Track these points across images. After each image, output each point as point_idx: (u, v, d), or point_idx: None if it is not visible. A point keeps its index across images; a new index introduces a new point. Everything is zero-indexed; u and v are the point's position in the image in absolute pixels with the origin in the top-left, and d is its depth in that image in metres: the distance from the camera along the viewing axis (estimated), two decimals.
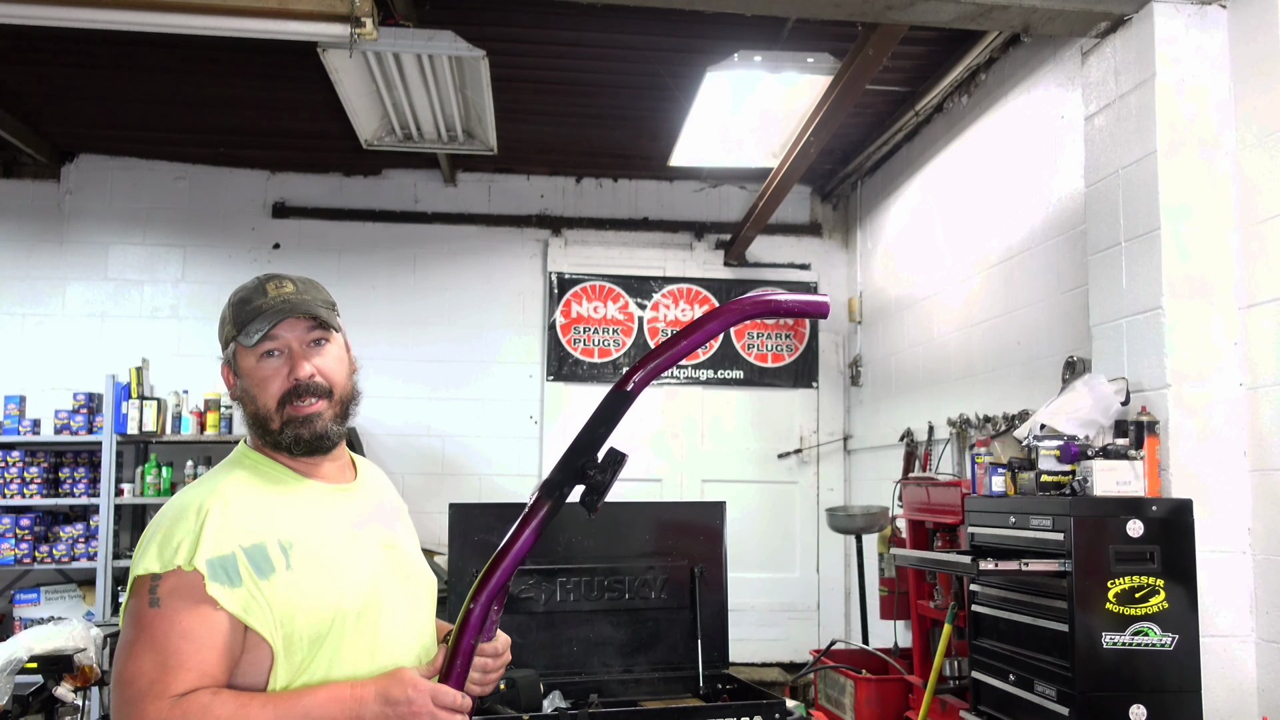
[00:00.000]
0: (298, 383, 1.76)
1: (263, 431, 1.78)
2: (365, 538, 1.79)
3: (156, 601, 1.59)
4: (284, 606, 1.64)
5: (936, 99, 5.39)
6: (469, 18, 4.56)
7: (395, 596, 1.78)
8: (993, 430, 4.61)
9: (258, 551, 1.64)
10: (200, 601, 1.58)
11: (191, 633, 1.58)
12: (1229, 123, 3.38)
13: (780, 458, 6.98)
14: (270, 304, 1.78)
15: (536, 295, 6.92)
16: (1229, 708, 3.16)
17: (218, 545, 1.62)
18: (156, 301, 6.64)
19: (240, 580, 1.61)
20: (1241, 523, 3.24)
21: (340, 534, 1.76)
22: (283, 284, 1.82)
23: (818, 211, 7.20)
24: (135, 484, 6.09)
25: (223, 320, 1.85)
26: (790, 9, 3.91)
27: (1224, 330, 3.30)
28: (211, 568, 1.60)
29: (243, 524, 1.66)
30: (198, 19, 3.52)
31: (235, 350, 1.80)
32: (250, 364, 1.78)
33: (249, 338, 1.76)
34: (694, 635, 3.48)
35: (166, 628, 1.58)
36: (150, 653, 1.57)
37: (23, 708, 3.77)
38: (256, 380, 1.77)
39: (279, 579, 1.64)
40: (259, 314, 1.77)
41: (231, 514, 1.66)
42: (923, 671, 4.41)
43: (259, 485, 1.75)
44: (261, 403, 1.77)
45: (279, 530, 1.68)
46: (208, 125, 6.20)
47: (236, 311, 1.81)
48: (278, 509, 1.72)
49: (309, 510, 1.75)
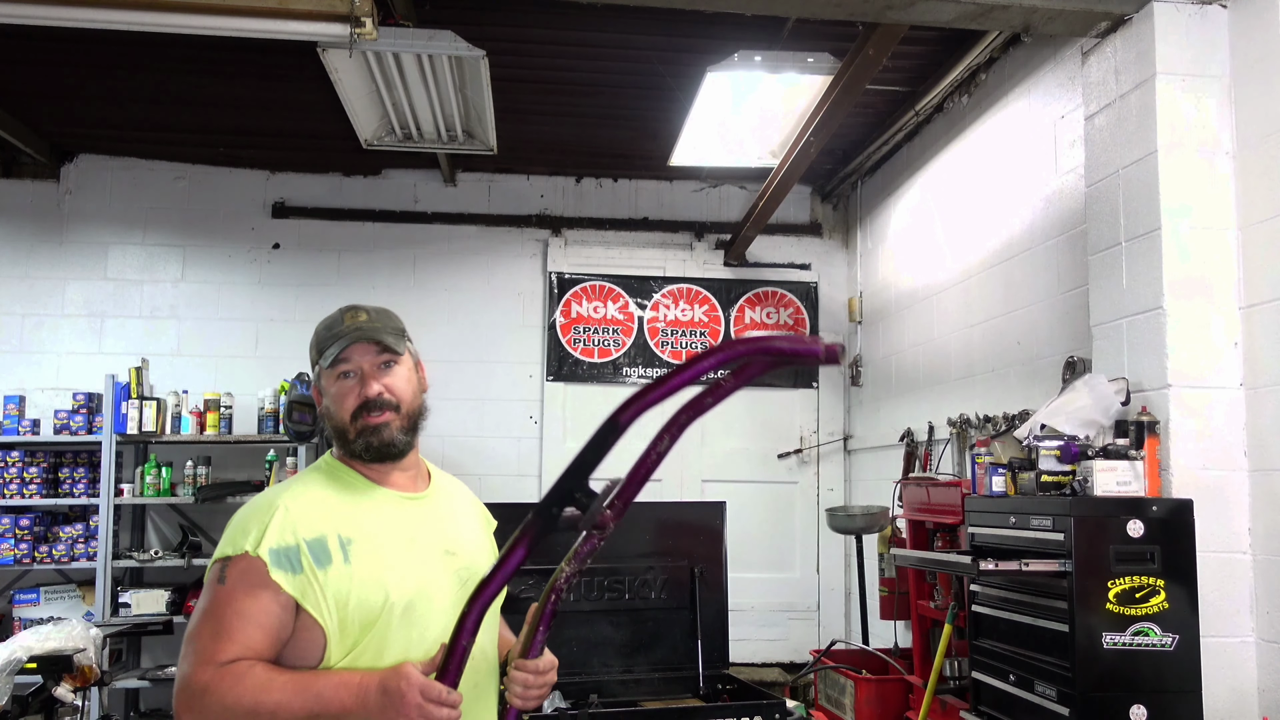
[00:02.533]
0: (367, 399, 1.99)
1: (342, 441, 2.01)
2: (425, 542, 1.98)
3: (224, 579, 1.83)
4: (338, 594, 1.83)
5: (936, 99, 5.39)
6: (469, 18, 4.55)
7: (448, 598, 1.94)
8: (993, 430, 4.61)
9: (318, 544, 1.85)
10: (261, 585, 1.80)
11: (245, 612, 1.80)
12: (1229, 122, 3.38)
13: (780, 458, 6.98)
14: (345, 331, 2.03)
15: (536, 295, 6.92)
16: (1229, 708, 3.16)
17: (281, 536, 1.83)
18: (156, 301, 6.64)
19: (301, 568, 1.82)
20: (1242, 523, 3.24)
21: (399, 536, 1.95)
22: (358, 314, 2.07)
23: (818, 211, 7.20)
24: (135, 484, 6.08)
25: (311, 348, 2.08)
26: (790, 9, 3.91)
27: (1224, 330, 3.30)
28: (275, 555, 1.81)
29: (308, 519, 1.87)
30: (198, 19, 3.52)
31: (319, 373, 2.04)
32: (330, 384, 2.02)
33: (326, 360, 2.01)
34: (694, 635, 3.48)
35: (226, 603, 1.81)
36: (210, 622, 1.81)
37: (22, 708, 3.77)
38: (334, 397, 2.01)
39: (335, 569, 1.84)
40: (335, 340, 2.01)
41: (299, 509, 1.88)
42: (923, 672, 4.41)
43: (331, 488, 1.98)
44: (339, 417, 2.00)
45: (341, 527, 1.89)
46: (208, 125, 6.19)
47: (319, 339, 2.06)
48: (343, 509, 1.93)
49: (373, 513, 1.96)
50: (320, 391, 2.05)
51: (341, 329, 2.03)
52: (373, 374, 2.01)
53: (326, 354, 2.00)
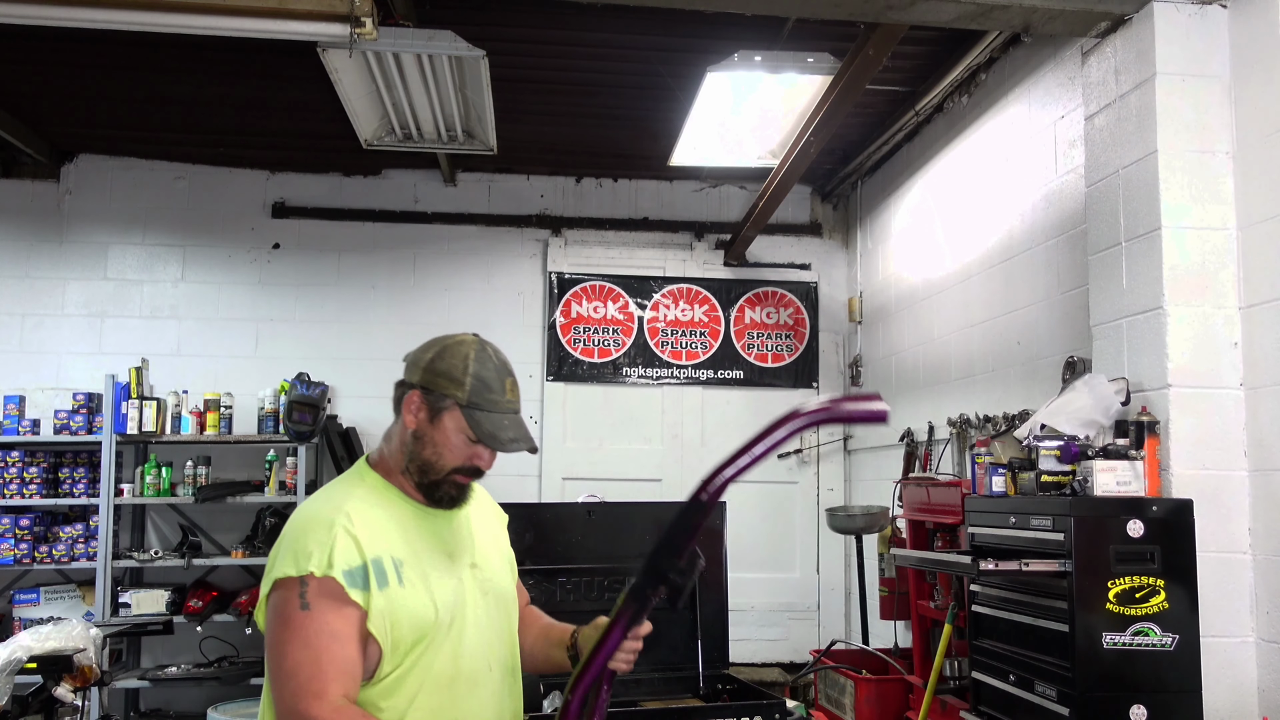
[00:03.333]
0: (479, 470, 2.05)
1: (420, 473, 2.03)
2: (457, 557, 2.07)
3: (306, 605, 1.84)
4: (394, 614, 1.90)
5: (937, 99, 5.39)
6: (469, 18, 4.55)
7: (477, 610, 2.05)
8: (993, 430, 4.61)
9: (378, 565, 1.90)
10: (344, 604, 1.85)
11: (339, 633, 1.84)
12: (1229, 123, 3.38)
13: (780, 458, 6.97)
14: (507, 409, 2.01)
15: (536, 295, 6.92)
16: (1229, 708, 3.16)
17: (348, 557, 1.87)
18: (156, 301, 6.64)
19: (368, 587, 1.87)
20: (1242, 523, 3.24)
21: (438, 553, 2.03)
22: (515, 388, 2.05)
23: (818, 211, 7.20)
24: (135, 484, 6.08)
25: (450, 373, 2.01)
26: (790, 9, 3.91)
27: (1224, 330, 3.30)
28: (349, 576, 1.86)
29: (367, 539, 1.91)
30: (198, 19, 3.51)
31: (449, 406, 2.00)
32: (451, 429, 2.00)
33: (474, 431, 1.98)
34: (694, 635, 3.47)
35: (318, 627, 1.83)
36: (304, 650, 1.82)
37: (22, 708, 3.76)
38: (448, 445, 2.01)
39: (392, 591, 1.90)
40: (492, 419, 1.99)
41: (358, 529, 1.91)
42: (923, 672, 4.40)
43: (379, 505, 2.00)
44: (442, 461, 2.01)
45: (393, 548, 1.94)
46: (208, 125, 6.20)
47: (475, 388, 2.00)
48: (392, 528, 1.98)
49: (415, 531, 2.01)
50: (431, 416, 2.01)
51: (504, 404, 2.02)
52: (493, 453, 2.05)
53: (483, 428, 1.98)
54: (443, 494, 2.03)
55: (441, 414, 2.00)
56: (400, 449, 2.04)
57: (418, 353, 2.08)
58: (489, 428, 1.99)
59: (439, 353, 2.04)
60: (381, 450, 2.10)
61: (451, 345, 2.05)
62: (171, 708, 6.32)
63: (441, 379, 2.01)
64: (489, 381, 2.01)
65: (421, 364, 2.04)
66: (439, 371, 2.02)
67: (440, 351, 2.04)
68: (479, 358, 2.03)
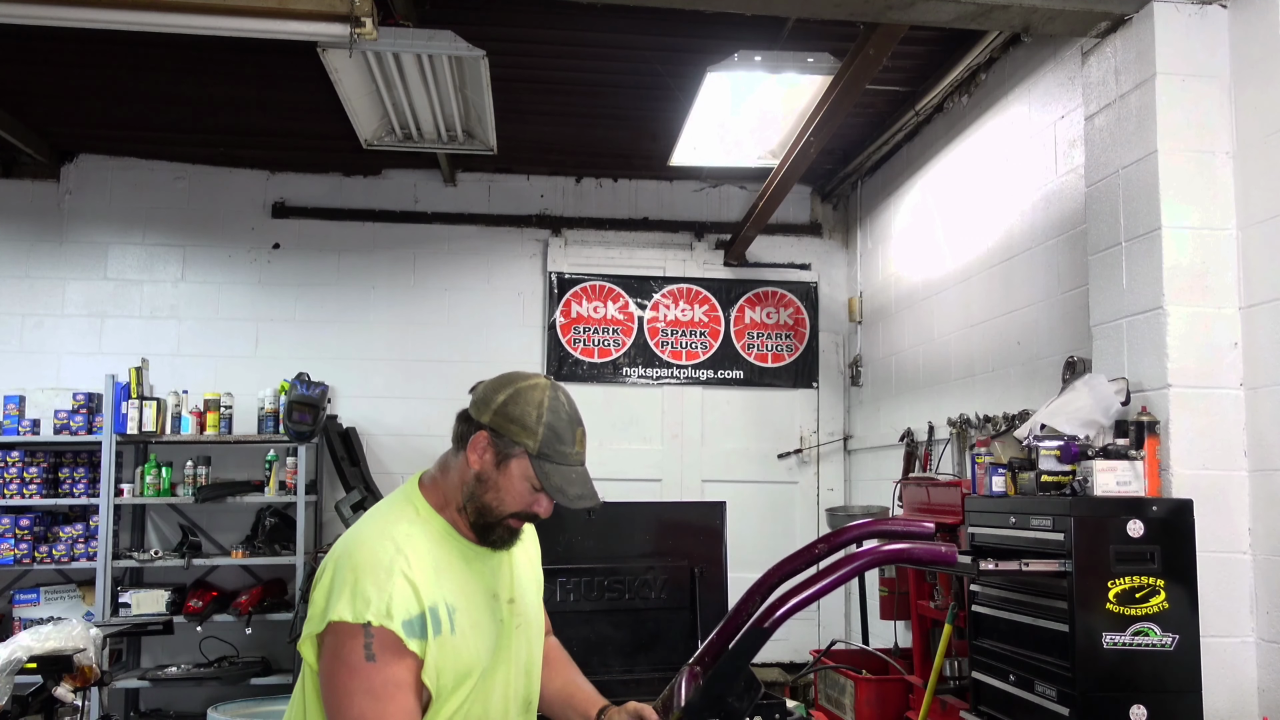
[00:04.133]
0: (536, 516, 2.03)
1: (478, 514, 2.00)
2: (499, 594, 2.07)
3: (372, 656, 1.83)
4: (443, 660, 1.90)
5: (937, 99, 5.39)
6: (469, 18, 4.55)
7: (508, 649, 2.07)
8: (993, 430, 4.61)
9: (434, 613, 1.89)
10: (404, 654, 1.85)
11: (403, 683, 1.85)
12: (1229, 123, 3.38)
13: (780, 458, 6.98)
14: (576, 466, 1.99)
15: (536, 295, 6.92)
16: (1229, 708, 3.16)
17: (407, 606, 1.86)
18: (156, 301, 6.64)
19: (426, 636, 1.87)
20: (1242, 523, 3.24)
21: (483, 594, 2.03)
22: (584, 439, 2.02)
23: (818, 211, 7.20)
24: (135, 484, 6.08)
25: (523, 420, 1.96)
26: (790, 9, 3.91)
27: (1224, 330, 3.30)
28: (408, 627, 1.85)
29: (424, 585, 1.89)
30: (198, 19, 3.51)
31: (518, 454, 1.96)
32: (517, 476, 1.97)
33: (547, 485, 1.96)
34: (694, 636, 3.47)
35: (384, 679, 1.83)
36: (373, 701, 1.83)
37: (22, 708, 3.77)
38: (511, 492, 1.98)
39: (445, 639, 1.90)
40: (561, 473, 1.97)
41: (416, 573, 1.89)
42: (923, 672, 4.41)
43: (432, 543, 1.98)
44: (502, 505, 1.99)
45: (446, 594, 1.93)
46: (208, 125, 6.20)
47: (548, 438, 1.96)
48: (445, 571, 1.96)
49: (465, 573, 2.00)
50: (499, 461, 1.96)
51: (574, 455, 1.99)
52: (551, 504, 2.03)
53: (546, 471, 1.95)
54: (497, 537, 2.02)
55: (509, 460, 1.96)
56: (459, 486, 2.00)
57: (488, 390, 2.00)
58: (557, 481, 1.96)
59: (512, 395, 1.97)
60: (435, 478, 2.05)
61: (525, 389, 1.98)
62: (171, 708, 6.32)
63: (514, 425, 1.95)
64: (561, 433, 1.97)
65: (493, 405, 1.97)
66: (511, 417, 1.95)
67: (514, 395, 1.97)
68: (553, 406, 1.97)
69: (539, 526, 2.31)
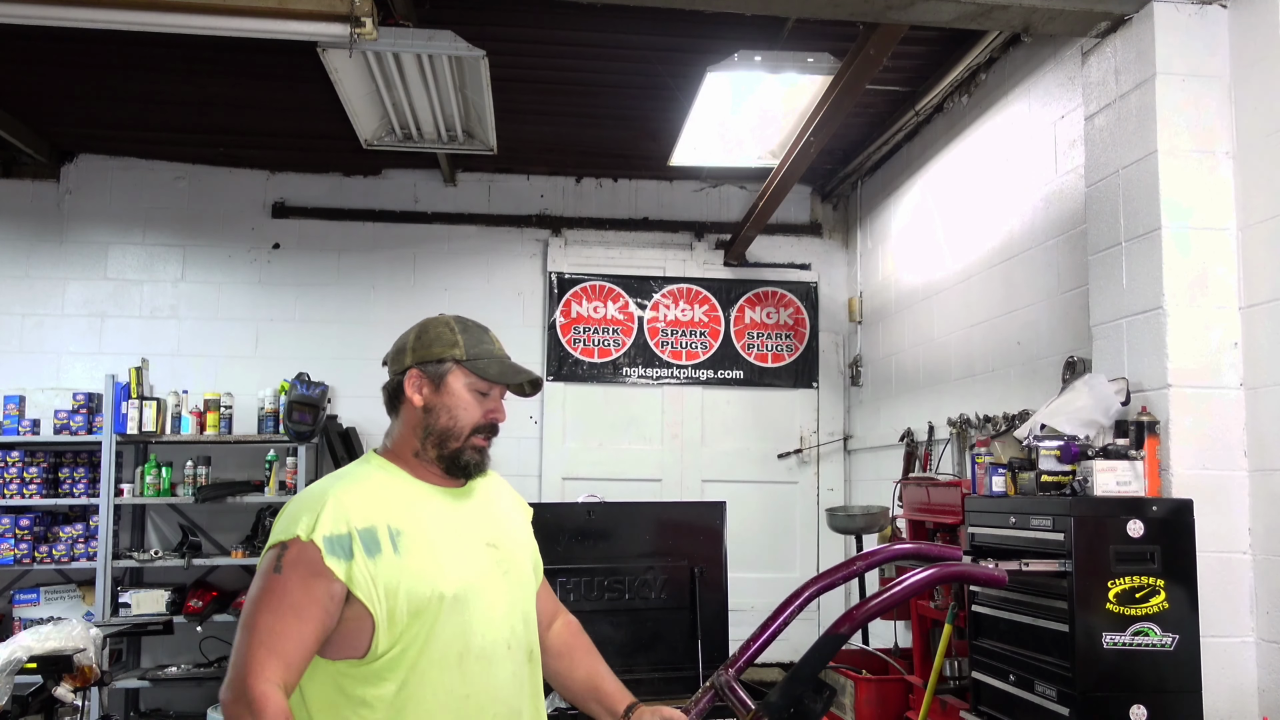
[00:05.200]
0: (495, 424, 2.08)
1: (440, 445, 2.04)
2: (470, 535, 2.05)
3: (280, 568, 1.86)
4: (388, 583, 1.88)
5: (936, 99, 5.38)
6: (469, 18, 4.55)
7: (493, 589, 2.03)
8: (993, 430, 4.61)
9: (369, 534, 1.89)
10: (316, 574, 1.84)
11: (301, 608, 1.83)
12: (1229, 122, 3.38)
13: (780, 458, 6.98)
14: (501, 354, 2.09)
15: (536, 295, 6.92)
16: (1229, 708, 3.16)
17: (334, 525, 1.87)
18: (156, 301, 6.64)
19: (352, 555, 1.86)
20: (1241, 523, 3.24)
21: (446, 530, 2.01)
22: (494, 337, 2.12)
23: (818, 211, 7.20)
24: (135, 484, 6.08)
25: (440, 339, 2.06)
26: (790, 9, 3.91)
27: (1224, 330, 3.30)
28: (329, 543, 1.85)
29: (359, 510, 1.91)
30: (198, 19, 3.52)
31: (449, 369, 2.04)
32: (459, 388, 2.04)
33: (484, 375, 2.04)
34: (694, 635, 3.48)
35: (282, 595, 1.84)
36: (267, 614, 1.84)
37: (22, 708, 3.77)
38: (461, 404, 2.04)
39: (385, 559, 1.89)
40: (493, 358, 2.06)
41: (351, 499, 1.93)
42: (923, 672, 4.40)
43: (381, 482, 2.01)
44: (458, 424, 2.04)
45: (391, 518, 1.93)
46: (208, 125, 6.19)
47: (469, 342, 2.06)
48: (393, 503, 1.97)
49: (421, 507, 2.01)
50: (437, 386, 2.04)
51: (495, 351, 2.08)
52: (501, 403, 2.10)
53: (486, 370, 2.04)
54: (467, 460, 2.04)
55: (445, 378, 2.04)
56: (411, 432, 2.05)
57: (396, 344, 2.12)
58: (496, 370, 2.05)
59: (420, 332, 2.09)
60: (386, 444, 2.11)
61: (428, 323, 2.10)
62: (171, 708, 6.33)
63: (436, 347, 2.05)
64: (478, 335, 2.09)
65: (409, 348, 2.07)
66: (429, 343, 2.06)
67: (421, 330, 2.09)
68: (459, 320, 2.10)
69: (538, 527, 2.31)
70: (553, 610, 2.35)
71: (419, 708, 1.91)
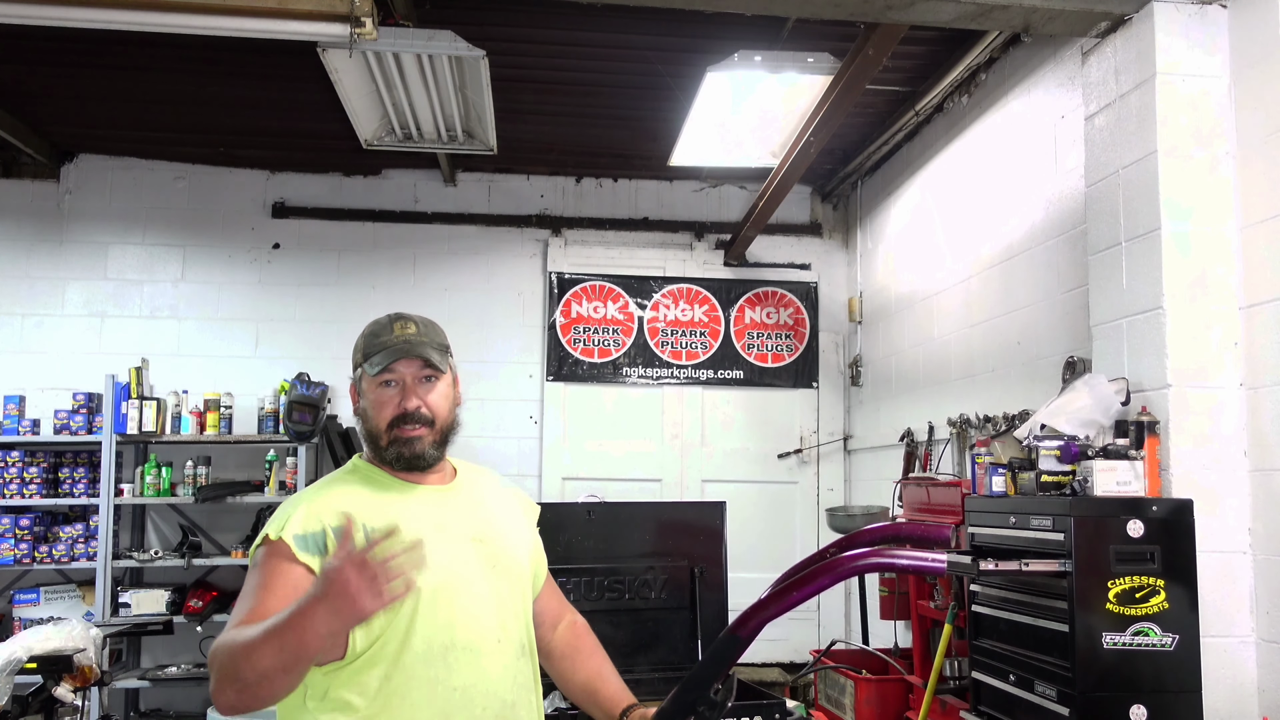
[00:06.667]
0: (405, 412, 2.07)
1: (374, 446, 2.11)
2: (453, 530, 2.07)
3: (256, 563, 1.94)
4: None
5: (936, 99, 5.39)
6: (469, 18, 4.55)
7: (478, 582, 2.04)
8: (993, 430, 4.61)
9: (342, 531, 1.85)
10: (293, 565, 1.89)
11: (270, 583, 1.88)
12: (1229, 122, 3.38)
13: (780, 458, 6.98)
14: (393, 342, 2.09)
15: (536, 295, 6.92)
16: (1229, 708, 3.16)
17: (306, 524, 1.93)
18: (156, 301, 6.64)
19: (325, 550, 1.89)
20: (1242, 523, 3.24)
21: (426, 525, 1.97)
22: (407, 325, 2.13)
23: (818, 211, 7.20)
24: (135, 484, 6.09)
25: (356, 348, 2.14)
26: (790, 9, 3.91)
27: (1224, 330, 3.30)
28: (299, 540, 1.91)
29: (333, 509, 1.95)
30: (198, 19, 3.52)
31: (361, 375, 2.11)
32: (371, 389, 2.10)
33: (372, 368, 2.07)
34: (694, 635, 3.48)
35: (257, 583, 1.90)
36: (241, 603, 1.90)
37: (22, 708, 3.77)
38: (374, 404, 2.09)
39: None
40: (383, 349, 2.08)
41: (326, 500, 2.00)
42: (923, 672, 4.41)
43: (361, 484, 2.09)
44: (375, 423, 2.09)
45: (367, 517, 1.92)
46: (208, 125, 6.20)
47: (366, 343, 2.12)
48: (371, 502, 2.02)
49: (400, 506, 2.04)
50: (359, 393, 2.13)
51: (390, 340, 2.09)
52: (414, 388, 2.09)
53: (372, 360, 2.07)
54: (396, 454, 2.07)
55: (361, 383, 2.12)
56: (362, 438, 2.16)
57: None
58: (380, 358, 2.07)
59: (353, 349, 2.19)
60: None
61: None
62: (171, 708, 6.32)
63: (354, 358, 2.15)
64: (376, 331, 2.13)
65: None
66: (353, 355, 2.16)
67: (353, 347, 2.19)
68: (373, 324, 2.15)
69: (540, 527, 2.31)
70: (559, 610, 2.35)
71: (404, 701, 1.92)
